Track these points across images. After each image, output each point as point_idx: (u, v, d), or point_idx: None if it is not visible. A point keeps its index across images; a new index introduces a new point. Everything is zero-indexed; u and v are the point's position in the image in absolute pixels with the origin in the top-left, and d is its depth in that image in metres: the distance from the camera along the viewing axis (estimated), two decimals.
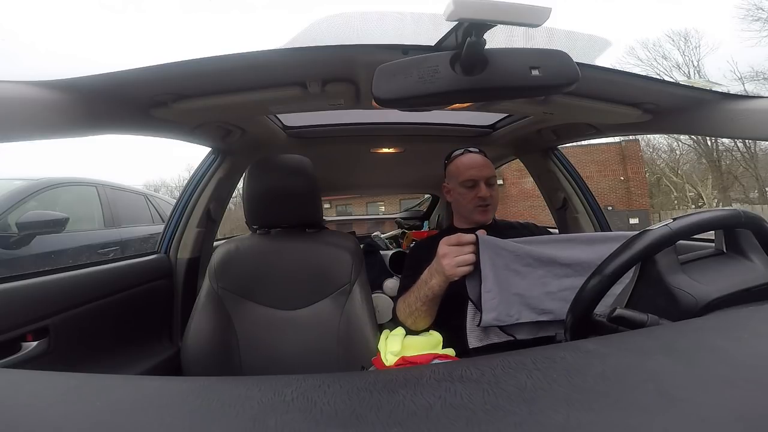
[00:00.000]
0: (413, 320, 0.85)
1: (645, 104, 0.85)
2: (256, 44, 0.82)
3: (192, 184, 1.25)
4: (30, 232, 2.11)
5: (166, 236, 1.23)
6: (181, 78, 0.67)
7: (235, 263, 0.94)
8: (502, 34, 0.51)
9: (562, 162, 1.44)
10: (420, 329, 0.85)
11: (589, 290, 0.52)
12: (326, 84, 0.73)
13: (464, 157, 1.04)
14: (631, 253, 0.51)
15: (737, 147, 13.92)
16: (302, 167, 0.98)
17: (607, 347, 0.30)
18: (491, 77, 0.46)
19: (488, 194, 0.99)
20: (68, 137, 0.63)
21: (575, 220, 1.44)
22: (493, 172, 1.03)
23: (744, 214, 0.53)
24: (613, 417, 0.21)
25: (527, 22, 0.42)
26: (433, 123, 1.37)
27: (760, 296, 0.49)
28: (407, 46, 0.59)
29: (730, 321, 0.37)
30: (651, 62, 15.42)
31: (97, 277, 0.95)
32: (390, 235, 2.64)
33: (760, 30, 13.10)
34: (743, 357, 0.27)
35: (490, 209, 1.02)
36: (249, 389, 0.25)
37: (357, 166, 1.94)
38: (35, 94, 0.54)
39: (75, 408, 0.24)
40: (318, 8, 9.32)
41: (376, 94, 0.46)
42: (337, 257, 0.96)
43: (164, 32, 46.30)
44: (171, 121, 0.83)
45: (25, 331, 0.74)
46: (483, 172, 1.01)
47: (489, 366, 0.27)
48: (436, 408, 0.22)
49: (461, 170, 1.02)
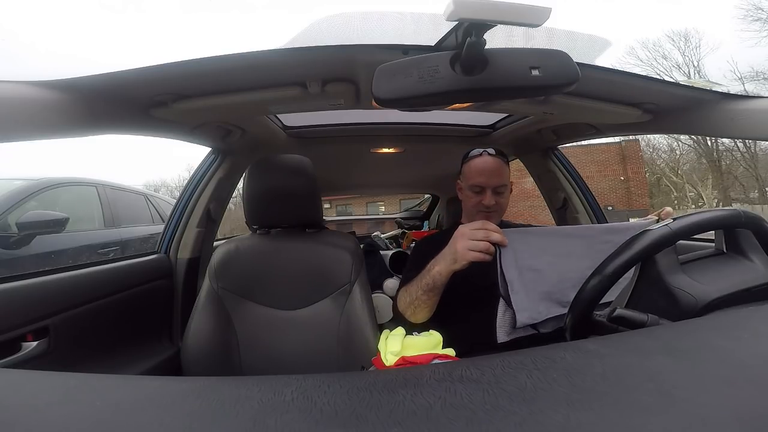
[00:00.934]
0: (412, 310, 0.85)
1: (645, 104, 0.85)
2: (256, 44, 0.82)
3: (192, 184, 1.25)
4: (30, 232, 2.11)
5: (166, 236, 1.23)
6: (181, 78, 0.67)
7: (235, 263, 0.94)
8: (502, 34, 0.51)
9: (562, 162, 1.44)
10: (418, 321, 0.85)
11: (589, 290, 0.52)
12: (326, 84, 0.73)
13: (478, 160, 1.02)
14: (631, 253, 0.51)
15: (737, 147, 13.93)
16: (302, 167, 0.98)
17: (607, 347, 0.30)
18: (491, 77, 0.46)
19: (492, 202, 0.98)
20: (68, 137, 0.63)
21: (575, 220, 1.44)
22: (503, 179, 1.00)
23: (744, 214, 0.53)
24: (613, 417, 0.21)
25: (527, 22, 0.42)
26: (433, 123, 1.37)
27: (760, 296, 0.49)
28: (407, 46, 0.59)
29: (730, 321, 0.37)
30: (651, 62, 15.46)
31: (97, 277, 0.95)
32: (390, 235, 2.64)
33: (760, 30, 13.13)
34: (743, 357, 0.27)
35: (493, 216, 1.00)
36: (249, 389, 0.25)
37: (357, 166, 1.94)
38: (35, 94, 0.54)
39: (75, 408, 0.24)
40: (318, 8, 9.32)
41: (376, 94, 0.46)
42: (337, 257, 0.96)
43: (164, 32, 46.32)
44: (171, 121, 0.83)
45: (25, 331, 0.74)
46: (491, 180, 0.98)
47: (489, 366, 0.27)
48: (436, 408, 0.22)
49: (472, 174, 1.01)
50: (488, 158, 1.01)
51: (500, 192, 1.00)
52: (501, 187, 0.99)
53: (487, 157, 1.01)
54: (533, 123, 1.23)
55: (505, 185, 1.00)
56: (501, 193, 1.00)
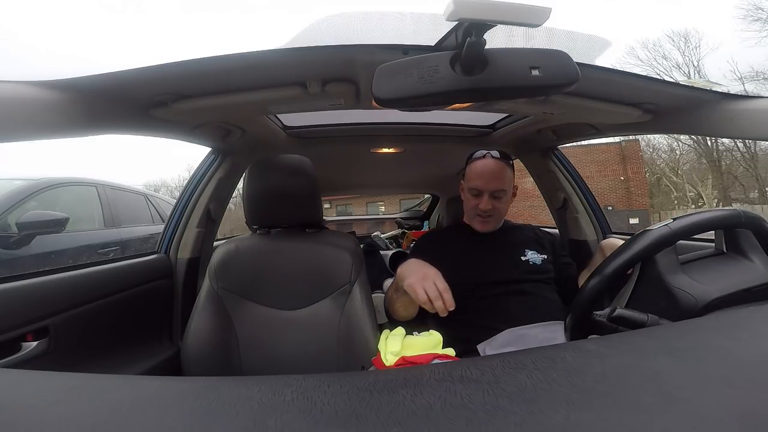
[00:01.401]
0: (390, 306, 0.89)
1: (645, 104, 0.85)
2: (256, 44, 0.82)
3: (192, 184, 1.25)
4: (30, 232, 2.11)
5: (166, 236, 1.23)
6: (181, 78, 0.67)
7: (235, 263, 0.94)
8: (502, 34, 0.51)
9: (562, 162, 1.44)
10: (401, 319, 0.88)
11: (589, 290, 0.52)
12: (326, 84, 0.73)
13: (479, 163, 1.00)
14: (631, 253, 0.51)
15: (737, 147, 13.92)
16: (302, 167, 0.98)
17: (607, 347, 0.30)
18: (491, 77, 0.46)
19: (489, 207, 0.97)
20: (68, 137, 0.63)
21: (575, 220, 1.44)
22: (502, 184, 0.98)
23: (744, 214, 0.53)
24: (613, 417, 0.21)
25: (527, 22, 0.42)
26: (433, 123, 1.37)
27: (760, 296, 0.49)
28: (407, 46, 0.59)
29: (730, 321, 0.37)
30: (651, 62, 15.42)
31: (97, 277, 0.95)
32: (390, 235, 2.65)
33: (760, 30, 13.10)
34: (743, 357, 0.27)
35: (490, 221, 1.00)
36: (249, 389, 0.25)
37: (357, 166, 1.94)
38: (35, 94, 0.54)
39: (75, 408, 0.24)
40: (318, 8, 9.30)
41: (376, 94, 0.46)
42: (337, 257, 0.96)
43: (164, 32, 46.31)
44: (171, 121, 0.83)
45: (25, 331, 0.74)
46: (489, 184, 0.97)
47: (489, 366, 0.27)
48: (436, 408, 0.22)
49: (471, 176, 1.00)
50: (490, 161, 0.99)
51: (498, 197, 0.98)
52: (499, 191, 0.98)
53: (489, 160, 0.99)
54: (533, 123, 1.23)
55: (505, 190, 0.99)
56: (499, 198, 0.98)
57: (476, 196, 0.99)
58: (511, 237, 1.04)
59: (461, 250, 1.01)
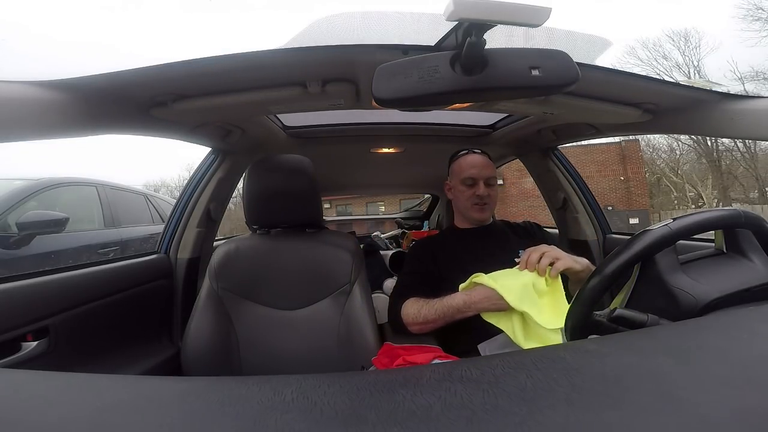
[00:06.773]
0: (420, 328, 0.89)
1: (645, 104, 0.85)
2: (256, 44, 0.82)
3: (192, 184, 1.25)
4: (30, 232, 2.11)
5: (166, 236, 1.23)
6: (181, 78, 0.67)
7: (235, 263, 0.94)
8: (502, 34, 0.51)
9: (562, 162, 1.44)
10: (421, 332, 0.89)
11: (589, 290, 0.52)
12: (326, 84, 0.73)
13: (467, 157, 1.08)
14: (631, 253, 0.50)
15: (737, 147, 13.91)
16: (302, 167, 0.98)
17: (607, 347, 0.30)
18: (491, 77, 0.46)
19: (486, 193, 1.04)
20: (68, 137, 0.63)
21: (575, 220, 1.44)
22: (493, 172, 1.06)
23: (744, 214, 0.53)
24: (613, 417, 0.21)
25: (527, 22, 0.42)
26: (433, 123, 1.38)
27: (760, 296, 0.48)
28: (407, 46, 0.59)
29: (730, 321, 0.37)
30: (651, 62, 15.41)
31: (97, 277, 0.95)
32: (390, 235, 2.64)
33: (760, 30, 13.10)
34: (743, 357, 0.27)
35: (487, 208, 1.05)
36: (249, 389, 0.25)
37: (357, 166, 1.94)
38: (35, 94, 0.54)
39: (75, 408, 0.24)
40: (318, 8, 9.31)
41: (376, 94, 0.46)
42: (337, 257, 0.96)
43: (164, 32, 46.27)
44: (171, 121, 0.83)
45: (25, 331, 0.74)
46: (483, 172, 1.05)
47: (489, 366, 0.27)
48: (436, 408, 0.22)
49: (463, 168, 1.06)
50: (476, 155, 1.08)
51: (491, 184, 1.06)
52: (491, 179, 1.06)
53: (475, 154, 1.09)
54: (533, 123, 1.23)
55: (495, 178, 1.07)
56: (492, 185, 1.06)
57: (471, 186, 1.05)
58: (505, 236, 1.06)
59: (458, 250, 1.02)
